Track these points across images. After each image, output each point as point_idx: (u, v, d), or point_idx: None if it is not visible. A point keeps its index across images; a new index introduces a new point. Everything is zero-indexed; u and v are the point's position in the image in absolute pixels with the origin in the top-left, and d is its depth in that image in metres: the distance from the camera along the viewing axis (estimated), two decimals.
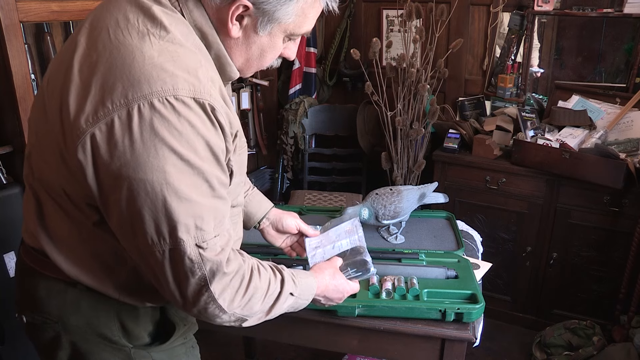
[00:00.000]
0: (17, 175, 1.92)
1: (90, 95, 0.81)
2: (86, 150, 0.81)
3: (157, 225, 0.82)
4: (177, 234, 0.83)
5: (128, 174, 0.80)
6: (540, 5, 2.59)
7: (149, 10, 0.86)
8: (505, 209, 2.57)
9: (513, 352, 2.55)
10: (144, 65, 0.81)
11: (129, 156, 0.79)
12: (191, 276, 0.86)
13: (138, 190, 0.80)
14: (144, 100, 0.79)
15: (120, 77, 0.80)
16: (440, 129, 2.81)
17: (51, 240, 0.97)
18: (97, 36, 0.85)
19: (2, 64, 1.75)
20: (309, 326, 1.39)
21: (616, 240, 2.35)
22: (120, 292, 0.99)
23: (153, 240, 0.83)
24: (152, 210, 0.81)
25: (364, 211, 1.65)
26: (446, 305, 1.30)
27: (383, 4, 3.06)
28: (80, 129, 0.81)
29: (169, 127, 0.79)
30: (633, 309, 2.26)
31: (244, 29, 0.92)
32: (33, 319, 1.03)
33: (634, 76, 2.49)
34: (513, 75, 2.79)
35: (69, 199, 0.92)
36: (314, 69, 3.19)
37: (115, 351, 1.02)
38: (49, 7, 1.82)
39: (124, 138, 0.79)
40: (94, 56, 0.83)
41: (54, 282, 0.99)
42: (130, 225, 0.84)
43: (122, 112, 0.79)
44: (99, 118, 0.80)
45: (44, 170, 0.94)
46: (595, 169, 2.22)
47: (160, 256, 0.85)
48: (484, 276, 1.59)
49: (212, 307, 0.90)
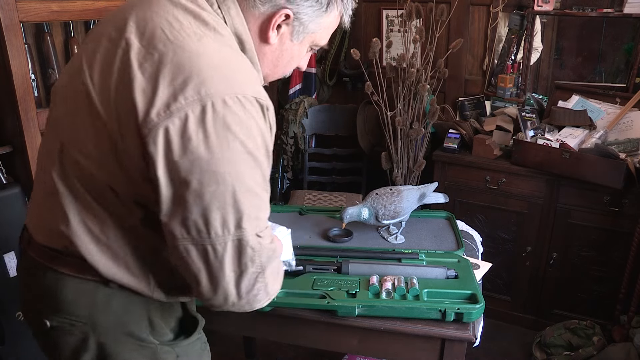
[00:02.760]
0: (17, 175, 1.92)
1: (159, 91, 0.84)
2: (158, 142, 0.83)
3: (224, 217, 0.86)
4: (242, 224, 0.87)
5: (201, 166, 0.83)
6: (540, 5, 2.59)
7: (199, 15, 0.91)
8: (505, 209, 2.57)
9: (513, 352, 2.55)
10: (212, 64, 0.86)
11: (202, 149, 0.83)
12: (251, 265, 0.90)
13: (209, 182, 0.84)
14: (217, 97, 0.83)
15: (190, 75, 0.84)
16: (440, 129, 2.81)
17: (87, 240, 0.95)
18: (152, 36, 0.88)
19: (2, 64, 1.75)
20: (309, 326, 1.39)
21: (616, 240, 2.35)
22: (154, 290, 1.00)
23: (217, 233, 0.86)
24: (220, 202, 0.85)
25: (364, 211, 1.65)
26: (446, 305, 1.30)
27: (383, 4, 3.06)
28: (151, 122, 0.83)
29: (239, 122, 0.85)
30: (633, 309, 2.26)
31: (280, 36, 1.00)
32: (59, 323, 0.99)
33: (634, 76, 2.49)
34: (513, 75, 2.79)
35: (115, 196, 0.92)
36: (314, 69, 3.19)
37: (142, 349, 1.02)
38: (49, 7, 1.82)
39: (197, 132, 0.83)
40: (156, 55, 0.86)
41: (82, 283, 0.97)
42: (195, 218, 0.86)
43: (195, 107, 0.83)
44: (172, 112, 0.83)
45: (84, 168, 0.93)
46: (595, 169, 2.22)
47: (222, 249, 0.87)
48: (484, 276, 1.59)
49: (261, 294, 0.95)
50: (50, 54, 2.00)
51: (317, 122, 3.16)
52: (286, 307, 1.36)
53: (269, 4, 0.96)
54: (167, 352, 1.05)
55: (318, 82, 3.28)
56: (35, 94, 1.90)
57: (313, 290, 1.36)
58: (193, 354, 1.10)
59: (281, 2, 0.96)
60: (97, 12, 1.98)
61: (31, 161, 1.85)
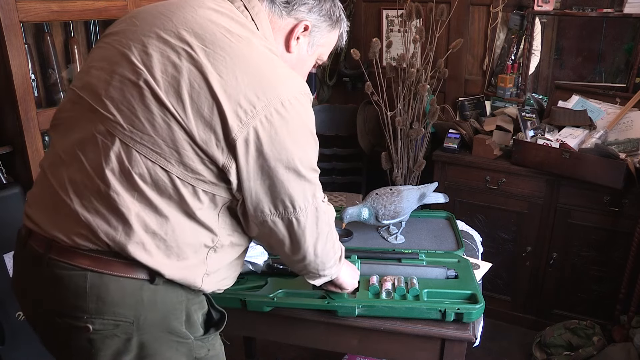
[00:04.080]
0: (17, 175, 1.92)
1: (242, 93, 0.94)
2: (249, 139, 0.94)
3: (304, 192, 1.03)
4: (316, 194, 1.06)
5: (287, 154, 0.98)
6: (540, 5, 2.59)
7: (245, 24, 1.02)
8: (505, 209, 2.57)
9: (513, 352, 2.55)
10: (278, 67, 1.00)
11: (287, 140, 0.97)
12: (325, 226, 1.10)
13: (293, 166, 0.99)
14: (291, 94, 0.97)
15: (266, 77, 0.96)
16: (440, 129, 2.81)
17: (146, 237, 0.94)
18: (214, 39, 0.96)
19: (2, 64, 1.75)
20: (309, 326, 1.39)
21: (616, 240, 2.35)
22: (203, 281, 1.04)
23: (300, 207, 1.03)
24: (300, 181, 1.01)
25: (364, 211, 1.65)
26: (446, 305, 1.30)
27: (383, 4, 3.06)
28: (242, 121, 0.93)
29: (306, 114, 1.02)
30: (633, 309, 2.26)
31: (298, 46, 1.12)
32: (102, 326, 0.96)
33: (634, 76, 2.49)
34: (513, 75, 2.79)
35: (188, 188, 0.96)
36: (314, 69, 3.19)
37: (179, 345, 1.03)
38: (49, 7, 1.82)
39: (282, 125, 0.96)
40: (226, 57, 0.95)
41: (126, 281, 0.96)
42: (282, 198, 1.01)
43: (277, 104, 0.95)
44: (258, 111, 0.94)
45: (150, 163, 0.93)
46: (595, 169, 2.22)
47: (304, 219, 1.05)
48: (484, 276, 1.59)
49: (331, 252, 1.17)
50: (50, 54, 2.00)
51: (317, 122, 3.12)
52: (286, 307, 1.36)
53: (293, 15, 1.08)
54: (200, 347, 1.08)
55: (318, 82, 3.28)
56: (35, 94, 1.90)
57: (313, 290, 1.36)
58: (217, 348, 1.14)
59: (303, 15, 1.09)
60: (97, 12, 1.98)
61: (31, 161, 1.84)
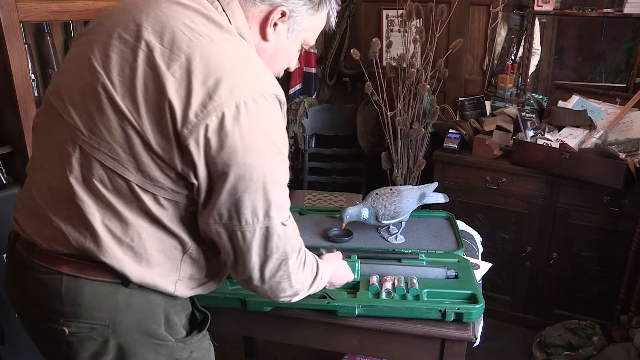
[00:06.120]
0: (17, 175, 1.92)
1: (194, 92, 0.88)
2: (199, 141, 0.88)
3: (254, 206, 0.93)
4: (271, 212, 0.95)
5: (237, 159, 0.89)
6: (540, 5, 2.59)
7: (210, 17, 0.96)
8: (505, 209, 2.57)
9: (513, 352, 2.55)
10: (238, 65, 0.92)
11: (238, 144, 0.89)
12: (275, 252, 0.98)
13: (244, 175, 0.90)
14: (248, 95, 0.90)
15: (221, 75, 0.89)
16: (440, 129, 2.81)
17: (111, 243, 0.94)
18: (173, 38, 0.91)
19: (2, 64, 1.75)
20: (309, 326, 1.39)
21: (616, 240, 2.35)
22: (176, 286, 1.02)
23: (247, 221, 0.94)
24: (253, 192, 0.92)
25: (364, 211, 1.65)
26: (446, 305, 1.30)
27: (383, 4, 3.06)
28: (191, 122, 0.88)
29: (267, 118, 0.93)
30: (633, 309, 2.26)
31: (277, 33, 1.04)
32: (78, 329, 0.97)
33: (634, 76, 2.49)
34: (513, 75, 2.79)
35: (148, 196, 0.94)
36: (314, 69, 3.19)
37: (159, 348, 1.03)
38: (49, 7, 1.82)
39: (234, 128, 0.89)
40: (182, 56, 0.90)
41: (101, 285, 0.96)
42: (228, 207, 0.93)
43: (230, 105, 0.88)
44: (209, 111, 0.88)
45: (110, 169, 0.93)
46: (595, 169, 2.22)
47: (251, 235, 0.95)
48: (484, 276, 1.59)
49: (284, 282, 1.03)
50: (50, 54, 2.00)
51: (317, 122, 3.16)
52: (286, 307, 1.36)
53: (268, 2, 1.00)
54: (182, 349, 1.06)
55: (318, 82, 3.28)
56: (35, 94, 1.90)
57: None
58: (203, 350, 1.13)
59: (278, 0, 1.01)
60: (97, 12, 1.97)
61: None
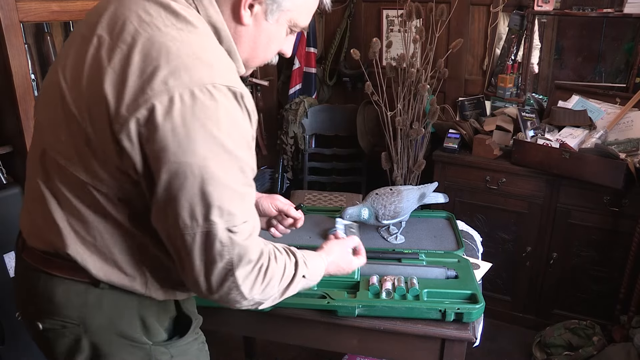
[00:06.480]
0: (17, 175, 1.92)
1: (128, 85, 0.83)
2: (131, 136, 0.84)
3: (192, 208, 0.85)
4: (211, 217, 0.85)
5: (168, 157, 0.82)
6: (540, 5, 2.59)
7: (169, 7, 0.89)
8: (505, 209, 2.57)
9: (513, 352, 2.55)
10: (181, 56, 0.84)
11: (170, 140, 0.82)
12: (219, 260, 0.88)
13: (177, 173, 0.83)
14: (185, 88, 0.82)
15: (157, 66, 0.83)
16: (440, 129, 2.81)
17: (76, 242, 0.95)
18: (122, 30, 0.87)
19: (2, 64, 1.75)
20: (309, 326, 1.39)
21: (616, 240, 2.35)
22: (150, 287, 0.99)
23: (185, 223, 0.85)
24: (188, 193, 0.84)
25: (364, 211, 1.65)
26: (446, 305, 1.30)
27: (383, 4, 3.06)
28: (122, 117, 0.83)
29: (208, 114, 0.83)
30: (633, 309, 2.26)
31: (254, 16, 0.96)
32: (52, 325, 0.99)
33: (634, 76, 2.49)
34: (513, 75, 2.79)
35: (100, 195, 0.92)
36: (314, 69, 3.19)
37: (135, 350, 1.01)
38: (49, 7, 1.82)
39: (165, 122, 0.82)
40: (124, 47, 0.86)
41: (72, 284, 0.97)
42: (164, 207, 0.86)
43: (163, 98, 0.82)
44: (139, 104, 0.82)
45: (66, 170, 0.93)
46: (595, 169, 2.22)
47: (191, 240, 0.86)
48: (484, 276, 1.59)
49: (234, 293, 0.92)
50: (50, 54, 2.00)
51: (317, 122, 3.16)
52: (286, 307, 1.36)
53: None
54: (161, 353, 1.04)
55: (318, 82, 3.28)
56: (35, 94, 1.90)
57: (313, 290, 1.36)
58: (189, 354, 1.09)
59: None
60: None
61: None
